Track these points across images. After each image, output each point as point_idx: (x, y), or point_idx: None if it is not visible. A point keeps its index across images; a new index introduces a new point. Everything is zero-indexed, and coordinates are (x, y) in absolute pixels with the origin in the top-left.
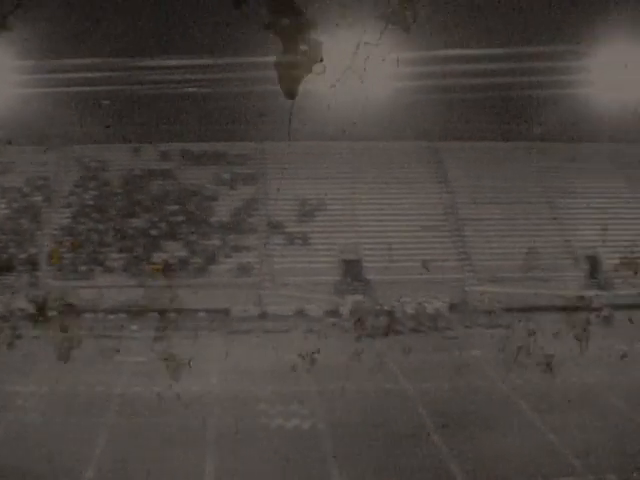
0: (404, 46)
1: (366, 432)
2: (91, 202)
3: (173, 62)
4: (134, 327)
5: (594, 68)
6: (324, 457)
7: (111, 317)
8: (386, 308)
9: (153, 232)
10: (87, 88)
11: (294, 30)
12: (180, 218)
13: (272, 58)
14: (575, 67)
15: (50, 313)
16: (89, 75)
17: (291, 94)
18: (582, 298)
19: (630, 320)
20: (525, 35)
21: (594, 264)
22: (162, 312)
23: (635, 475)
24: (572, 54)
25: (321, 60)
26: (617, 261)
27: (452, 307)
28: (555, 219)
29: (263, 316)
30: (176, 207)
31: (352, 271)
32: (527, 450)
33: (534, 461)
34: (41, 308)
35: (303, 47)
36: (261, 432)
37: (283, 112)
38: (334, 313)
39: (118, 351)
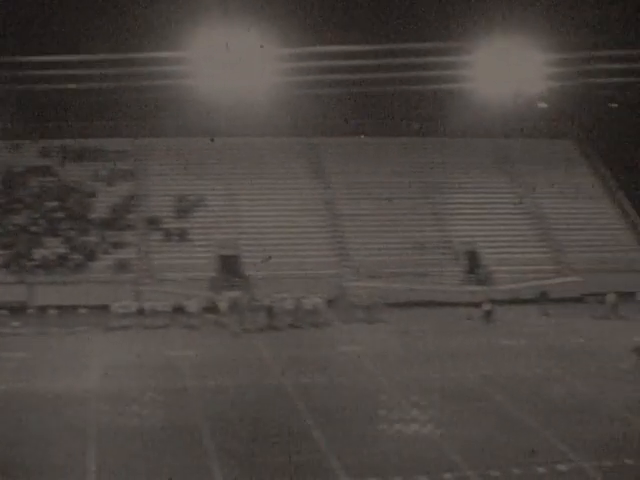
0: (281, 42)
1: (245, 428)
2: None
3: (52, 58)
4: (15, 324)
5: (473, 64)
6: (204, 453)
7: None
8: (265, 304)
9: (33, 229)
10: None
11: None
12: (60, 215)
13: (149, 54)
14: (454, 63)
15: None
16: None
17: None
18: (462, 293)
19: (547, 314)
20: (402, 31)
21: (473, 259)
22: (43, 309)
23: (515, 470)
24: (451, 50)
25: None
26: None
27: (330, 303)
28: (434, 214)
29: (142, 312)
30: (56, 204)
31: (230, 267)
32: (408, 445)
33: (415, 456)
34: None
35: None
36: (141, 428)
37: (161, 109)
38: (212, 309)
39: None
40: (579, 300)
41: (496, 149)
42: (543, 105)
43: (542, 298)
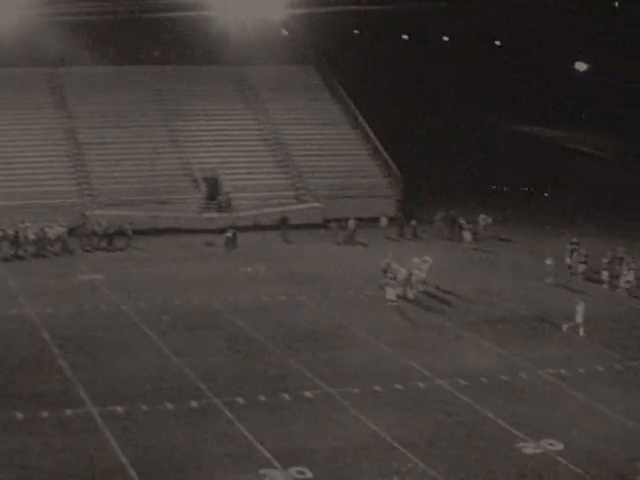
0: None
1: None
2: None
3: None
4: None
5: None
6: None
7: None
8: (9, 233)
9: None
10: None
11: None
12: None
13: None
14: None
15: None
16: None
17: None
18: (204, 220)
19: (288, 240)
20: None
21: (214, 186)
22: None
23: (261, 397)
24: None
25: None
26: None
27: (72, 231)
28: (174, 142)
29: None
30: None
31: None
32: (153, 374)
33: (159, 385)
34: None
35: None
36: None
37: None
38: None
39: None
40: (320, 226)
41: (238, 76)
42: (285, 32)
43: (283, 224)
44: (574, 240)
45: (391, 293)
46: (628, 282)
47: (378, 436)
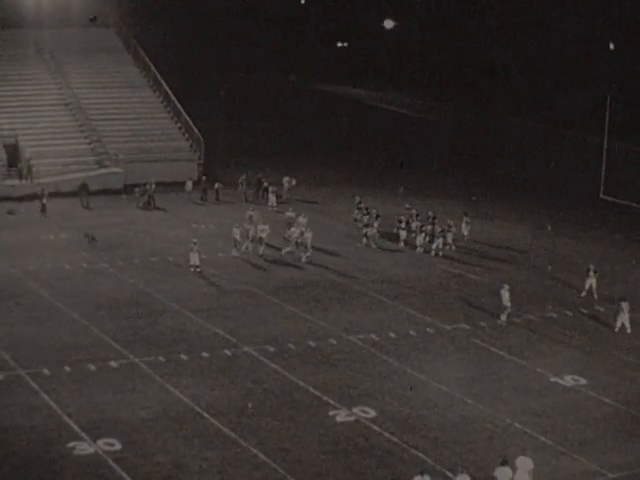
0: None
1: None
2: None
3: None
4: None
5: None
6: None
7: None
8: None
9: None
10: None
11: None
12: None
13: None
14: None
15: None
16: None
17: None
18: (4, 188)
19: (88, 206)
20: None
21: (14, 153)
22: None
23: (66, 368)
24: None
25: None
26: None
27: None
28: None
29: None
30: None
31: None
32: None
33: None
34: None
35: None
36: None
37: None
38: None
39: None
40: (121, 191)
41: (37, 39)
42: None
43: (82, 190)
44: (360, 202)
45: (194, 258)
46: (438, 245)
47: (187, 405)
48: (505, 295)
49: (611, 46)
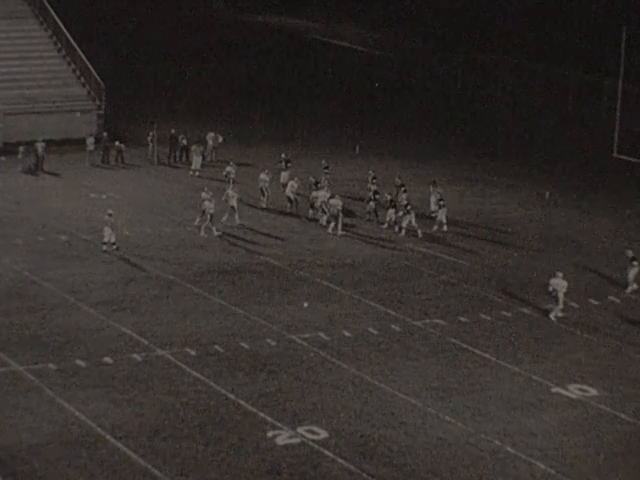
0: None
1: None
2: None
3: None
4: None
5: None
6: None
7: None
8: None
9: None
10: None
11: None
12: None
13: None
14: None
15: None
16: None
17: None
18: None
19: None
20: None
21: None
22: None
23: None
24: None
25: None
26: None
27: None
28: None
29: None
30: None
31: None
32: None
33: None
34: None
35: None
36: None
37: None
38: None
39: None
40: (3, 152)
41: None
42: None
43: None
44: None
45: (108, 234)
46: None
47: (85, 426)
48: (562, 284)
49: None
